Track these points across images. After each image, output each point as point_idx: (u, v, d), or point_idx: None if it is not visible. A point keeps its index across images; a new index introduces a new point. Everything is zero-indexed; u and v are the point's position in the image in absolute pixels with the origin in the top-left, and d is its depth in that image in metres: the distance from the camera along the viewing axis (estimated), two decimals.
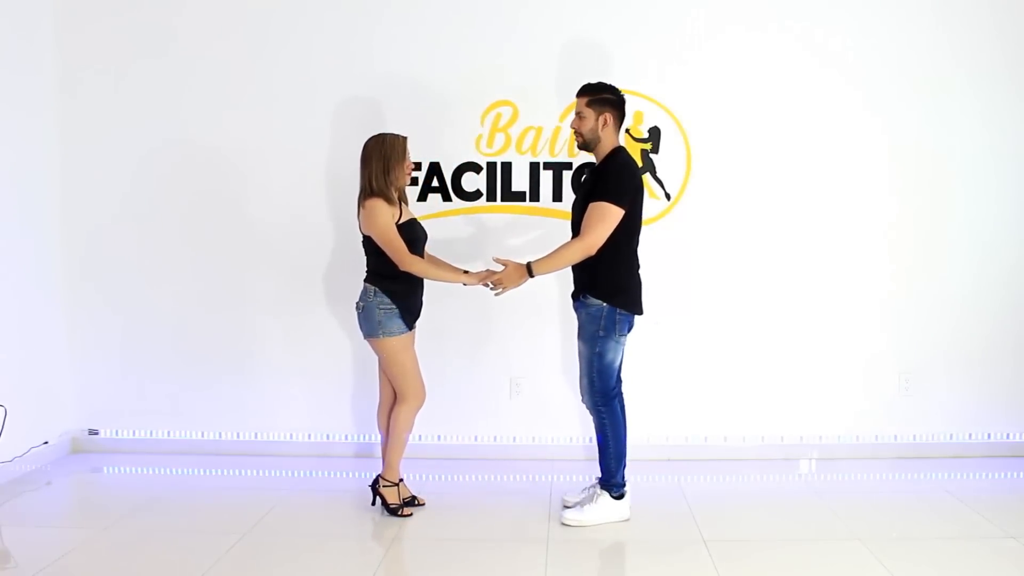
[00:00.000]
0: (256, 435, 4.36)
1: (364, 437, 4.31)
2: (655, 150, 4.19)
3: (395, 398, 3.54)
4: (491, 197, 4.22)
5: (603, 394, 3.37)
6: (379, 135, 3.45)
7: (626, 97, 3.42)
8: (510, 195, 4.22)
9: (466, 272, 3.45)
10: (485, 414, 4.30)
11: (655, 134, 4.18)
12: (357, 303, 3.46)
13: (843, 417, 4.27)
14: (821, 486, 3.95)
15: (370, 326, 3.41)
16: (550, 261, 3.29)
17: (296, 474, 4.08)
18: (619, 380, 3.44)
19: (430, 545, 3.25)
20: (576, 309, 3.43)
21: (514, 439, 4.32)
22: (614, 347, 3.34)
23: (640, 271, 3.41)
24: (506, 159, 4.21)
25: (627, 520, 3.43)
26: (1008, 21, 4.13)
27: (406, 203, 3.53)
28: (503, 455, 4.26)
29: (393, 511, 3.49)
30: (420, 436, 4.25)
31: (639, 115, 4.16)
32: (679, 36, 4.15)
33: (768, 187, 4.19)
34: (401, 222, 3.38)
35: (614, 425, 3.39)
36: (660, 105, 4.16)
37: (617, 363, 3.38)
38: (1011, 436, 4.28)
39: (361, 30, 4.19)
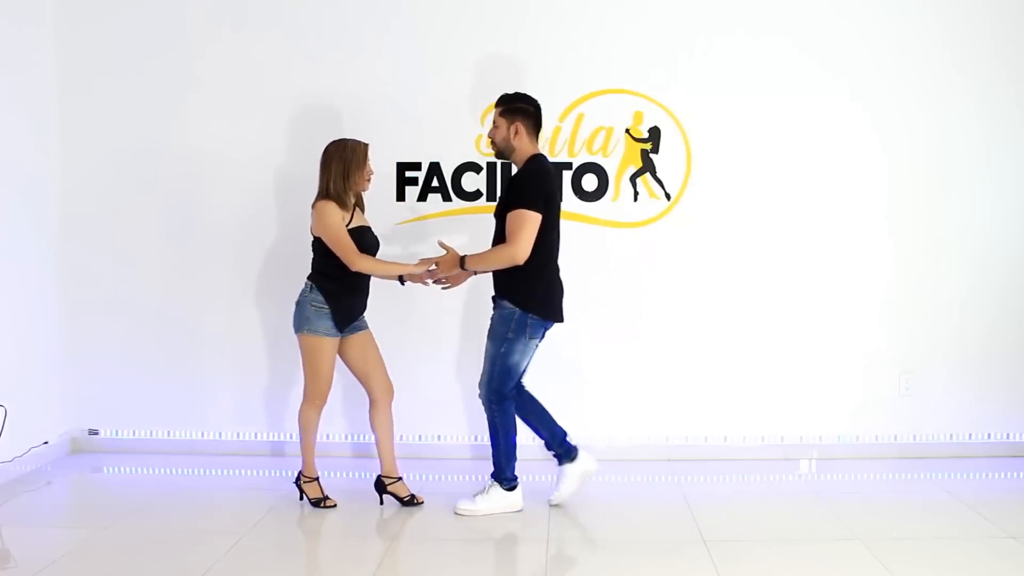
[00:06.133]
0: (256, 435, 4.36)
1: (362, 438, 4.31)
2: (655, 150, 4.19)
3: (385, 392, 3.59)
4: (491, 197, 4.22)
5: (498, 393, 3.43)
6: (341, 140, 3.47)
7: (627, 98, 3.44)
8: None
9: (410, 265, 3.48)
10: (484, 414, 4.28)
11: (655, 134, 4.18)
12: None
13: (843, 417, 4.27)
14: (821, 486, 3.95)
15: (297, 320, 3.46)
16: (481, 259, 3.38)
17: (296, 474, 4.08)
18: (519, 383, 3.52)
19: (430, 545, 3.25)
20: (493, 308, 3.48)
21: None
22: (520, 350, 3.39)
23: (559, 276, 3.45)
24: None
25: (520, 511, 3.49)
26: (1006, 23, 4.13)
27: (362, 210, 3.55)
28: None
29: (317, 503, 3.56)
30: (420, 436, 4.25)
31: (639, 115, 4.16)
32: (679, 37, 4.15)
33: (768, 188, 4.19)
34: (351, 227, 3.40)
35: (505, 425, 3.47)
36: (660, 105, 4.16)
37: (522, 367, 3.45)
38: (1011, 436, 4.28)
39: (362, 31, 4.19)
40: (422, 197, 4.22)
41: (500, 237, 3.40)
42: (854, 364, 4.26)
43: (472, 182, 4.23)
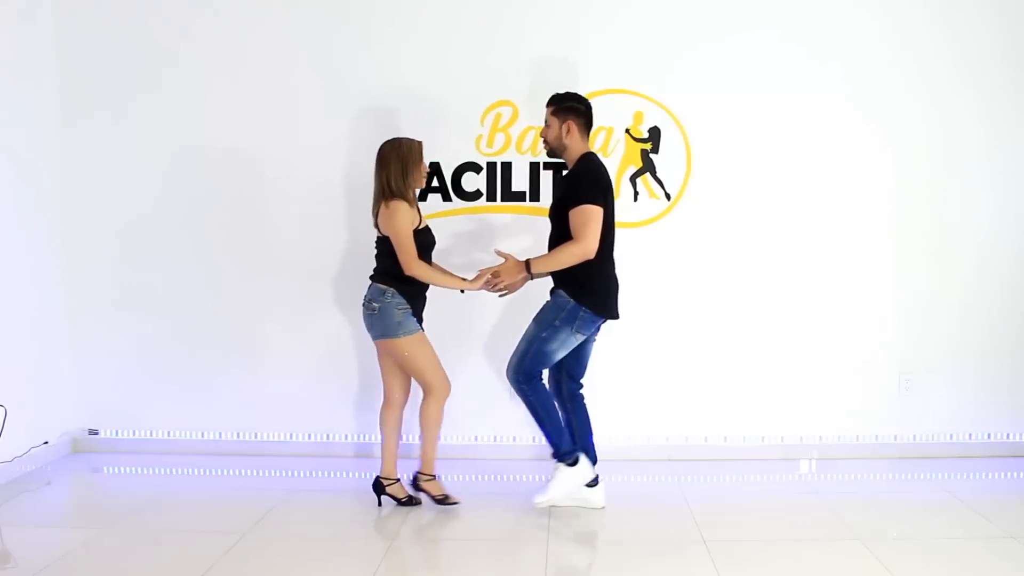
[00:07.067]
0: (256, 435, 4.36)
1: (364, 437, 4.31)
2: (655, 150, 4.19)
3: (403, 397, 3.61)
4: (491, 197, 4.22)
5: (526, 374, 3.43)
6: (395, 139, 3.48)
7: (627, 98, 3.45)
8: (510, 195, 4.23)
9: (467, 279, 3.49)
10: (485, 414, 4.30)
11: (655, 134, 4.18)
12: (368, 303, 3.48)
13: (843, 417, 4.27)
14: (821, 486, 3.95)
15: (386, 327, 3.43)
16: (548, 261, 3.36)
17: (296, 474, 4.08)
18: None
19: (430, 545, 3.26)
20: (549, 298, 3.50)
21: (514, 439, 4.32)
22: (562, 340, 3.39)
23: (615, 272, 3.46)
24: (506, 159, 4.21)
25: (593, 482, 3.49)
26: (1006, 22, 4.13)
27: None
28: (503, 455, 4.26)
29: (441, 502, 3.56)
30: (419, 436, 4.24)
31: (639, 115, 4.16)
32: (680, 37, 4.15)
33: (768, 187, 4.19)
34: (420, 228, 3.43)
35: (542, 400, 3.46)
36: (660, 105, 4.16)
37: (557, 357, 3.43)
38: (1011, 436, 4.28)
39: (363, 32, 4.19)
40: (422, 197, 4.21)
41: (557, 237, 3.41)
42: (854, 364, 4.26)
43: (472, 182, 4.23)
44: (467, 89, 4.17)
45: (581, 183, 3.34)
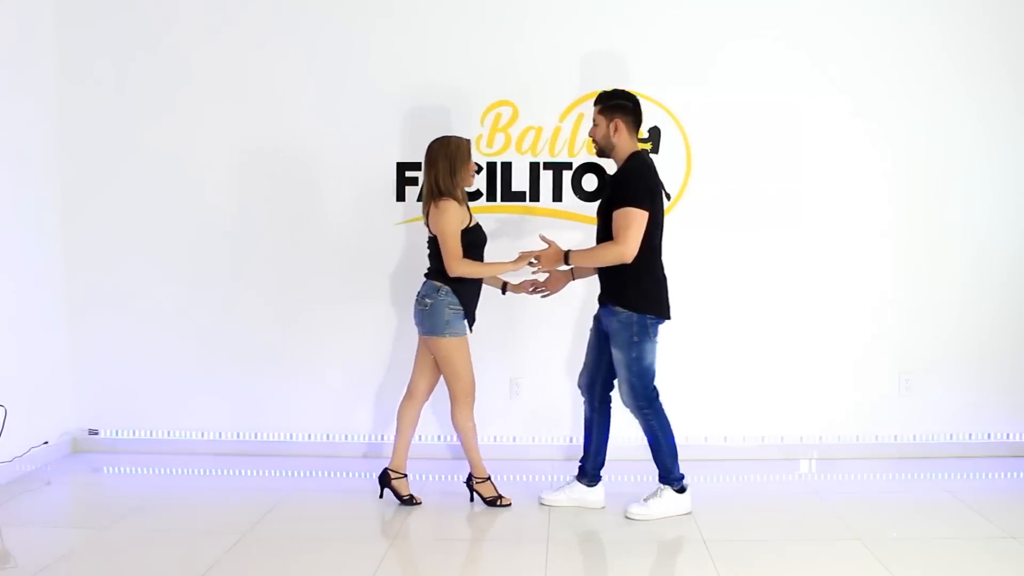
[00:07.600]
0: (257, 435, 4.35)
1: (367, 437, 4.32)
2: (655, 150, 4.19)
3: (426, 393, 3.63)
4: (491, 197, 4.23)
5: (645, 397, 3.41)
6: (443, 137, 3.49)
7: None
8: (510, 195, 4.23)
9: (509, 263, 3.49)
10: (485, 414, 4.27)
11: (655, 134, 4.18)
12: (421, 299, 3.49)
13: (843, 417, 4.27)
14: (821, 486, 3.95)
15: (435, 324, 3.44)
16: (587, 255, 3.38)
17: (296, 474, 4.08)
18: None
19: (430, 545, 3.26)
20: (605, 316, 3.46)
21: (514, 439, 4.32)
22: (650, 349, 3.38)
23: (664, 272, 3.44)
24: (506, 159, 4.21)
25: (689, 513, 3.45)
26: (1004, 23, 4.14)
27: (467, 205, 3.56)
28: (503, 455, 4.25)
29: (492, 502, 3.58)
30: (420, 436, 4.23)
31: None
32: (680, 38, 4.15)
33: (768, 187, 4.19)
34: (470, 226, 3.44)
35: (662, 425, 3.44)
36: (660, 105, 4.16)
37: (655, 366, 3.42)
38: (1011, 436, 4.28)
39: (363, 31, 4.19)
40: (421, 197, 4.21)
41: (603, 235, 3.40)
42: (854, 364, 4.26)
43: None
44: (467, 89, 4.17)
45: (629, 184, 3.30)
